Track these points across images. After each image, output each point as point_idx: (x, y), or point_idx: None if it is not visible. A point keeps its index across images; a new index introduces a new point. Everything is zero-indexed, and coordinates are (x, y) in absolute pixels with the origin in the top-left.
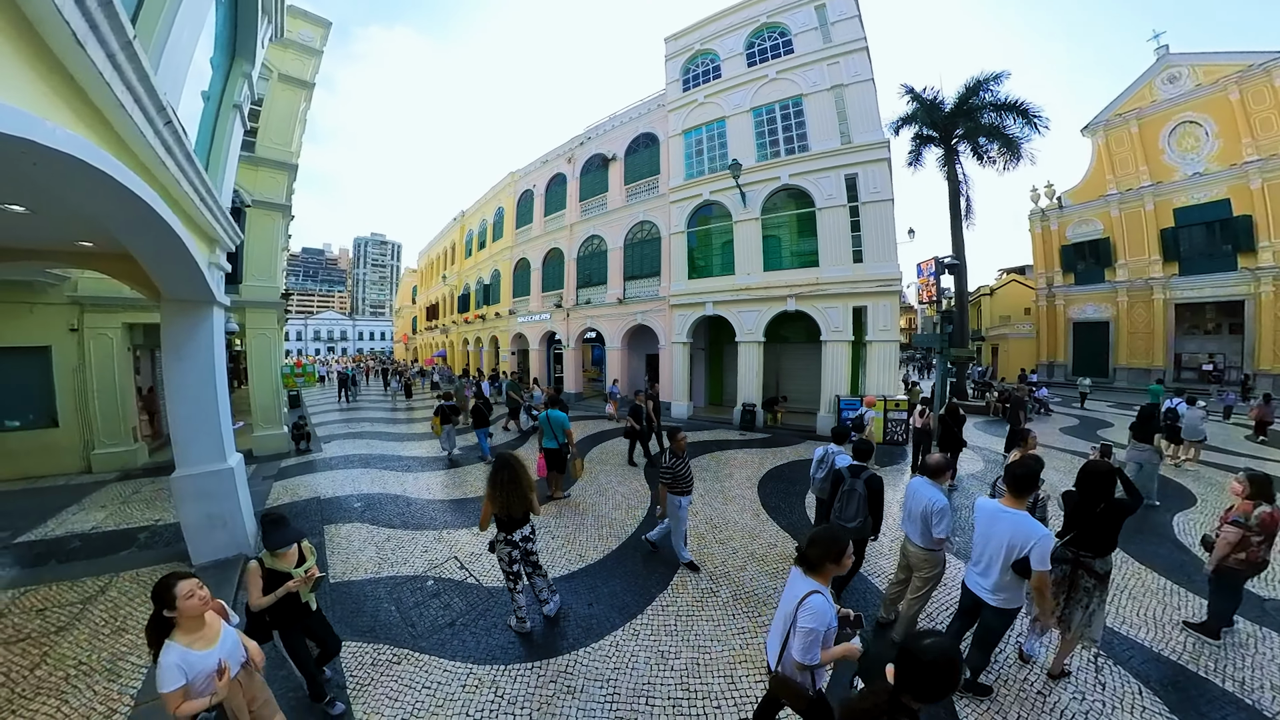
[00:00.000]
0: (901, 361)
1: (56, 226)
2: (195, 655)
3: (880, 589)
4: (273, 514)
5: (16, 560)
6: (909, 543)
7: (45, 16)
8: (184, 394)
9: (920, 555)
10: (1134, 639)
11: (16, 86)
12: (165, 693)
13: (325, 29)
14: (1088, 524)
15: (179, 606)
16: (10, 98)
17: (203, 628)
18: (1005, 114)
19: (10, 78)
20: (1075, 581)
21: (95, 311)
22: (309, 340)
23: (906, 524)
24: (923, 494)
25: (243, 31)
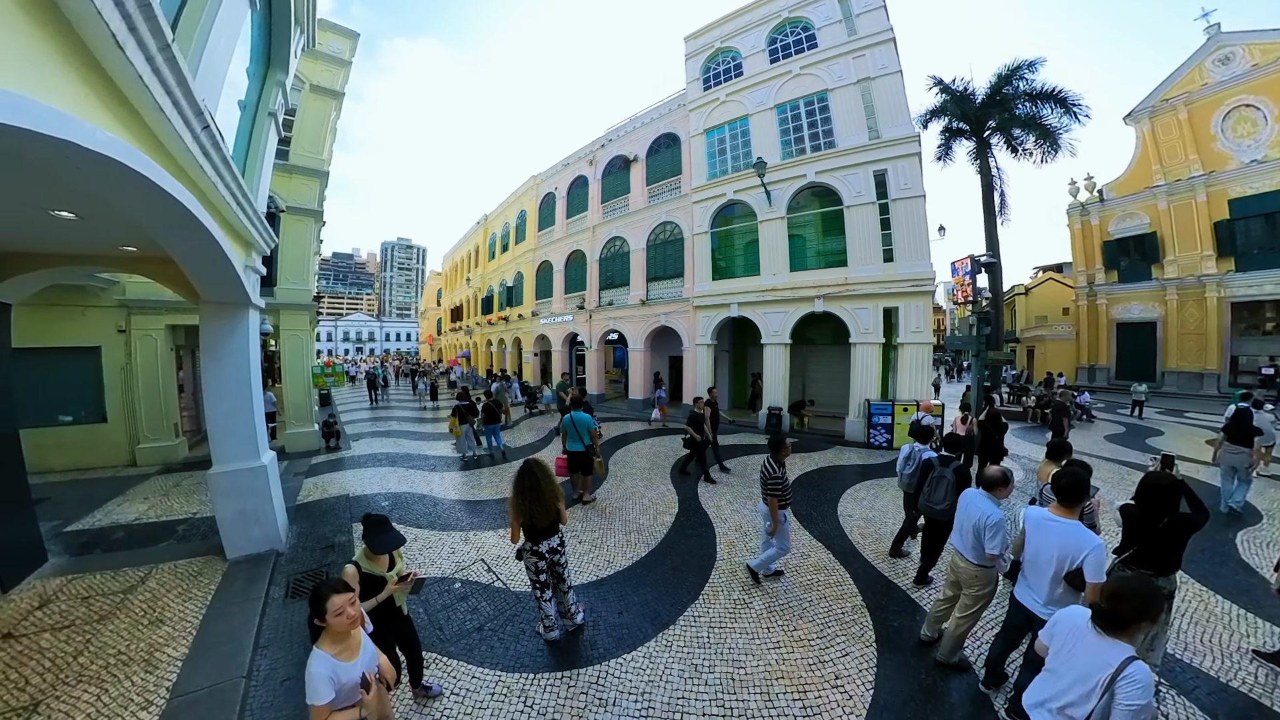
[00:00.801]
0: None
1: (102, 232)
2: (342, 666)
3: (925, 606)
4: (375, 516)
5: (65, 548)
6: (959, 558)
7: (85, 17)
8: (220, 393)
9: (970, 572)
10: (1198, 667)
11: (57, 89)
12: (316, 705)
13: (353, 40)
14: (1149, 540)
15: (328, 620)
16: (52, 100)
17: (348, 638)
18: (1041, 103)
19: (51, 80)
20: None
21: (141, 314)
22: (339, 341)
23: (956, 538)
24: (977, 506)
25: (277, 41)
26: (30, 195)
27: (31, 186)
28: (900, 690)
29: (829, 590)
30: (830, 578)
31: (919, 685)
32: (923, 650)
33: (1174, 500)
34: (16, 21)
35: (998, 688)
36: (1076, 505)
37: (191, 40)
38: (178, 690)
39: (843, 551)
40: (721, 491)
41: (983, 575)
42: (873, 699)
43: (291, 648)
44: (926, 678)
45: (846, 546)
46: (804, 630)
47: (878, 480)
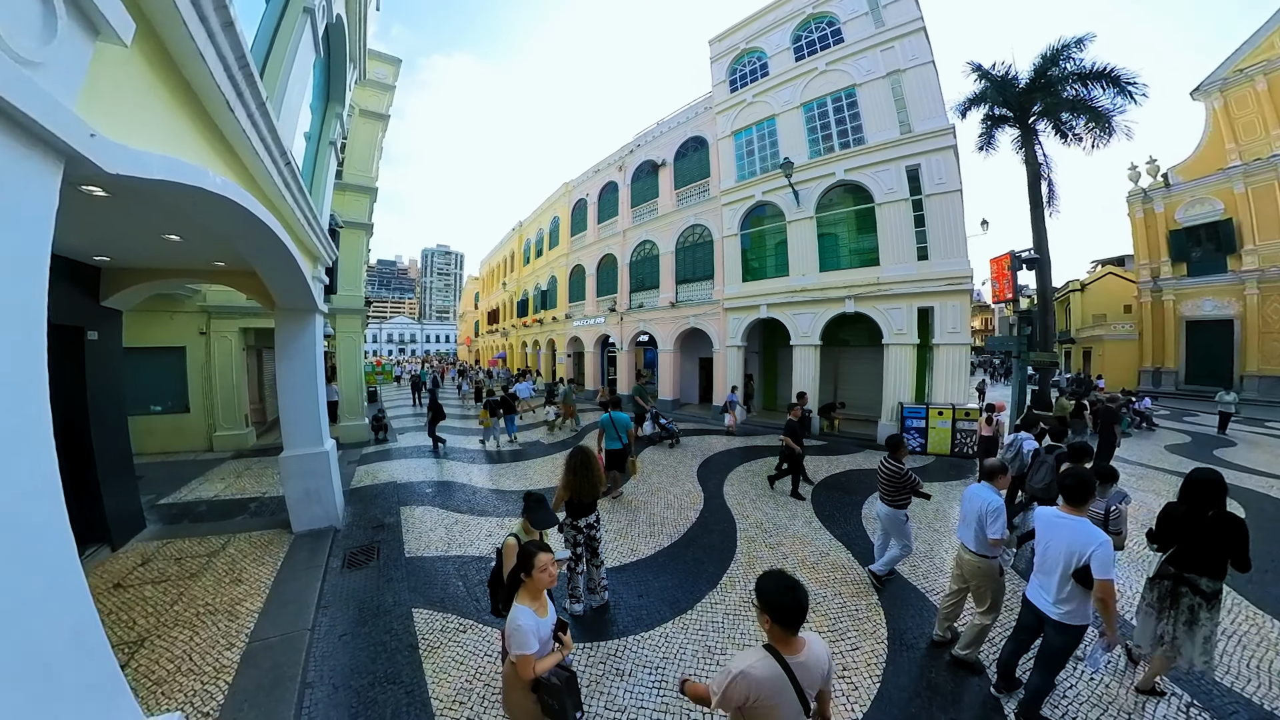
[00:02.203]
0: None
1: (199, 250)
2: (540, 621)
3: (936, 605)
4: (535, 494)
5: (160, 518)
6: (964, 550)
7: (208, 90)
8: (291, 387)
9: (974, 563)
10: (1239, 693)
11: (192, 149)
12: (523, 654)
13: (396, 66)
14: (1193, 538)
15: (534, 575)
16: (189, 157)
17: (542, 595)
18: (1092, 84)
19: (188, 143)
20: (1177, 597)
21: (219, 318)
22: (383, 343)
23: (962, 529)
24: (980, 496)
25: (334, 78)
26: (151, 224)
27: (154, 218)
28: (907, 686)
29: (845, 588)
30: (848, 576)
31: (927, 683)
32: (935, 650)
33: (1218, 495)
34: (166, 102)
35: (1009, 691)
36: (1083, 504)
37: (275, 92)
38: (255, 636)
39: (863, 552)
40: (745, 490)
41: (986, 566)
42: (879, 691)
43: (347, 609)
44: (936, 677)
45: (867, 547)
46: (816, 623)
47: None
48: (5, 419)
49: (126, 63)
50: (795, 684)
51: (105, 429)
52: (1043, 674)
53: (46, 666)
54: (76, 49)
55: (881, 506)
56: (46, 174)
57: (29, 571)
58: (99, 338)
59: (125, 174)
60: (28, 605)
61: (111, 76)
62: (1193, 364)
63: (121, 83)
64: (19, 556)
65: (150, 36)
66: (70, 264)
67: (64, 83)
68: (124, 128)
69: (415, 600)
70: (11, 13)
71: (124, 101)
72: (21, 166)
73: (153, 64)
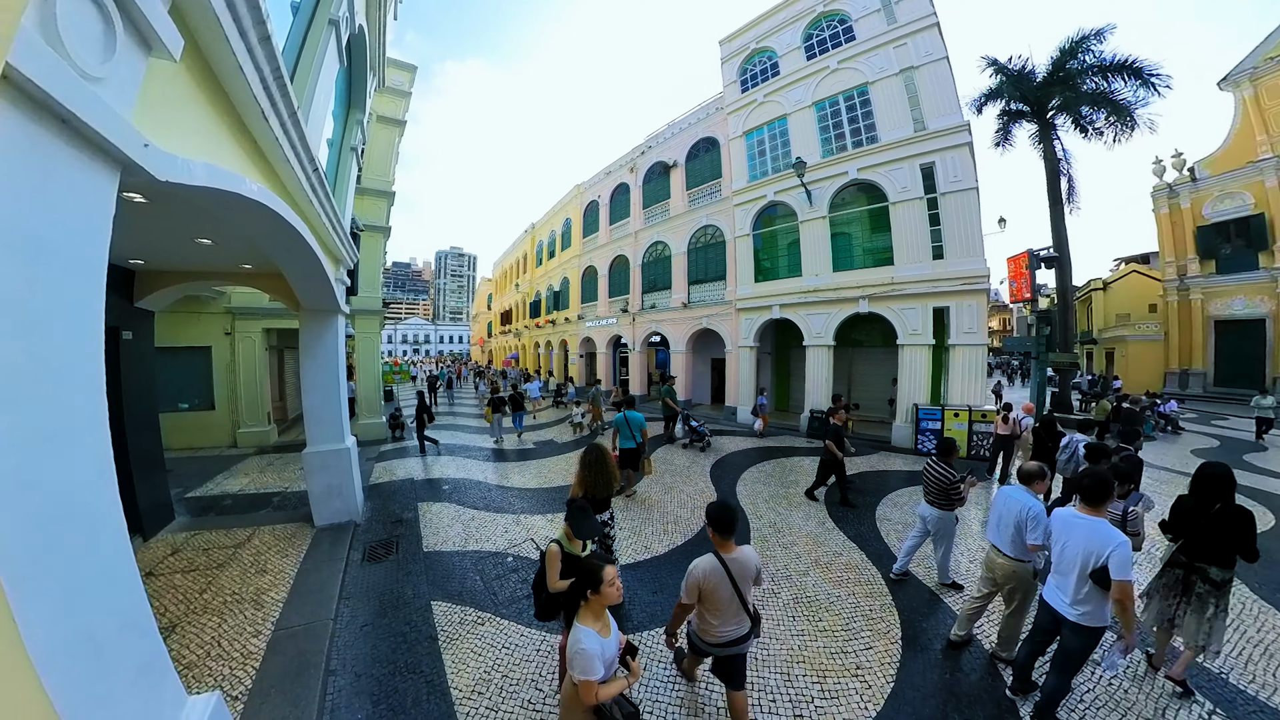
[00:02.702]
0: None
1: (229, 254)
2: (604, 642)
3: (953, 607)
4: (579, 501)
5: (187, 510)
6: (996, 553)
7: (243, 98)
8: (315, 386)
9: (1009, 567)
10: (1262, 700)
11: (230, 156)
12: (585, 680)
13: (412, 73)
14: (1202, 529)
15: (602, 590)
16: (228, 164)
17: (605, 614)
18: (1112, 76)
19: (227, 152)
20: (1189, 587)
21: (244, 319)
22: (398, 343)
23: (994, 533)
24: (1016, 500)
25: (356, 87)
26: (185, 229)
27: (188, 223)
28: (921, 686)
29: (858, 588)
30: (861, 576)
31: (942, 684)
32: (951, 652)
33: (1228, 487)
34: (207, 112)
35: (1025, 694)
36: (1101, 504)
37: (302, 100)
38: (280, 625)
39: (877, 553)
40: (759, 491)
41: (1021, 570)
42: (892, 691)
43: (368, 600)
44: (951, 678)
45: (881, 548)
46: (829, 622)
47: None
48: (69, 414)
49: (173, 76)
50: (729, 574)
51: (138, 425)
52: (1059, 676)
53: (102, 644)
54: (132, 64)
55: (929, 509)
56: (105, 182)
57: (88, 555)
58: (133, 337)
59: (175, 181)
60: (88, 586)
61: (160, 89)
62: (1222, 365)
63: (169, 95)
64: (79, 541)
65: (194, 51)
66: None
67: (121, 96)
68: (171, 137)
69: (434, 593)
70: (77, 31)
71: (170, 112)
72: (86, 175)
73: (195, 76)
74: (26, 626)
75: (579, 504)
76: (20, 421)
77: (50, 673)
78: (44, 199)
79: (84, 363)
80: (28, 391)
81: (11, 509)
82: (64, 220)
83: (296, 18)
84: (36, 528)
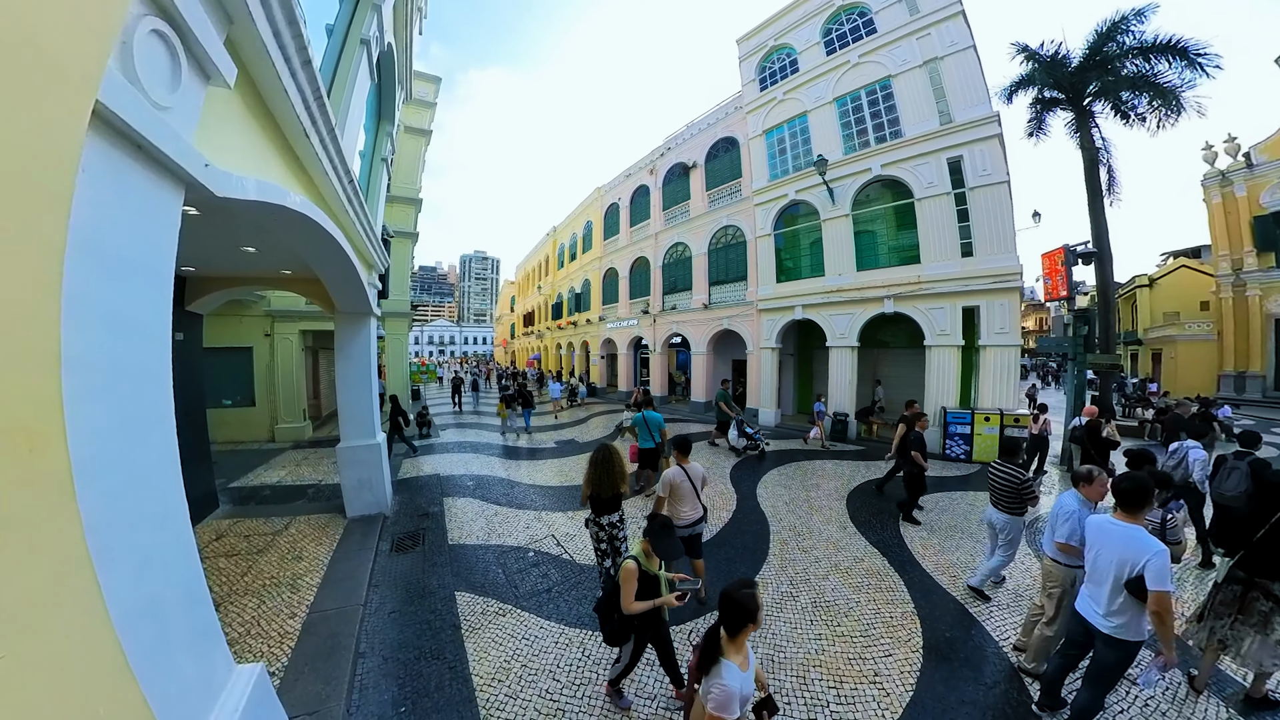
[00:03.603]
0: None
1: (270, 260)
2: (744, 676)
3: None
4: (661, 518)
5: (230, 499)
6: (1043, 555)
7: (287, 118)
8: (348, 385)
9: (1048, 565)
10: None
11: (276, 172)
12: (720, 717)
13: (436, 84)
14: (1264, 541)
15: (758, 619)
16: (274, 179)
17: (745, 645)
18: (1156, 57)
19: (274, 168)
20: (1247, 603)
21: (282, 321)
22: (424, 345)
23: (1046, 539)
24: (1061, 502)
25: (385, 100)
26: (232, 238)
27: (235, 233)
28: (944, 698)
29: (879, 595)
30: (883, 583)
31: (965, 697)
32: (975, 662)
33: None
34: (256, 132)
35: (1054, 710)
36: (1139, 511)
37: (337, 115)
38: (314, 608)
39: (900, 560)
40: (779, 494)
41: (1056, 570)
42: (912, 699)
43: (395, 589)
44: (974, 690)
45: (905, 555)
46: (847, 627)
47: (950, 493)
48: (145, 407)
49: (228, 101)
50: (689, 477)
51: (187, 420)
52: (1091, 693)
53: (167, 611)
54: (194, 93)
55: (999, 514)
56: (171, 199)
57: (159, 530)
58: (184, 339)
59: (231, 196)
60: (157, 559)
61: (216, 113)
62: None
63: (224, 118)
64: (153, 518)
65: (244, 77)
66: None
67: (185, 122)
68: (225, 156)
69: (458, 584)
70: (150, 67)
71: (225, 133)
72: (157, 193)
73: (246, 100)
74: (110, 593)
75: (661, 520)
76: (109, 412)
77: (127, 635)
78: (124, 217)
79: (157, 362)
80: (115, 387)
81: (100, 488)
82: (139, 235)
83: (331, 39)
84: (119, 505)
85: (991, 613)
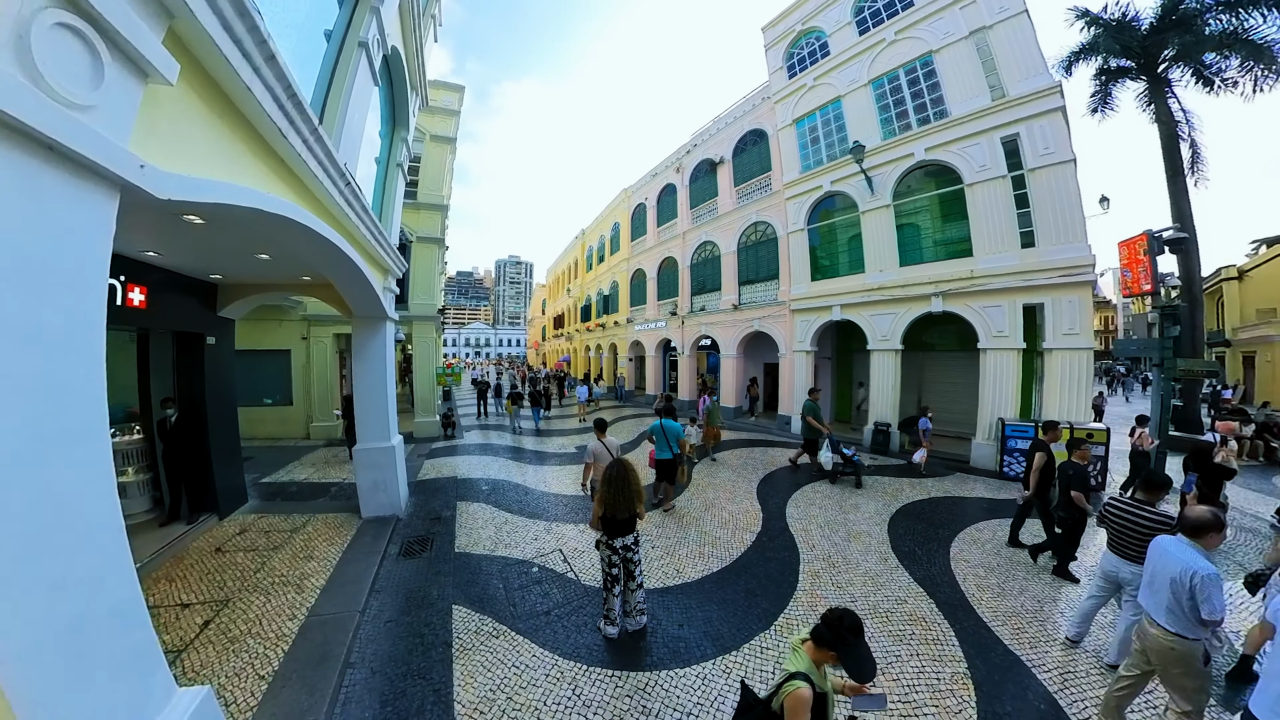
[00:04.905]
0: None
1: (286, 267)
2: None
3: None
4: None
5: (259, 494)
6: (1150, 623)
7: (258, 118)
8: (364, 387)
9: (1166, 643)
10: None
11: (251, 174)
12: None
13: (460, 93)
14: None
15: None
16: (245, 181)
17: None
18: (1246, 10)
19: (245, 168)
20: None
21: (317, 325)
22: (461, 346)
23: (1147, 595)
24: (1180, 559)
25: (399, 106)
26: (245, 246)
27: (244, 240)
28: None
29: (925, 648)
30: (930, 633)
31: None
32: None
33: None
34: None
35: None
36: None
37: (335, 119)
38: (313, 611)
39: (949, 603)
40: (813, 514)
41: (1182, 649)
42: None
43: (396, 596)
44: None
45: (955, 597)
46: (886, 685)
47: (1008, 520)
48: (62, 420)
49: (181, 99)
50: (606, 447)
51: (219, 419)
52: None
53: (87, 636)
54: (127, 91)
55: (1125, 565)
56: (102, 201)
57: (74, 549)
58: (215, 342)
59: (175, 199)
60: (74, 578)
61: (166, 113)
62: None
63: (177, 118)
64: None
65: (201, 74)
66: (192, 281)
67: (115, 121)
68: (181, 157)
69: (457, 596)
70: (59, 65)
71: (182, 134)
72: (79, 196)
73: (207, 99)
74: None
75: (849, 622)
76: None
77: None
78: (34, 221)
79: (81, 375)
80: (21, 402)
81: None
82: (58, 240)
83: (330, 43)
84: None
85: (1069, 682)
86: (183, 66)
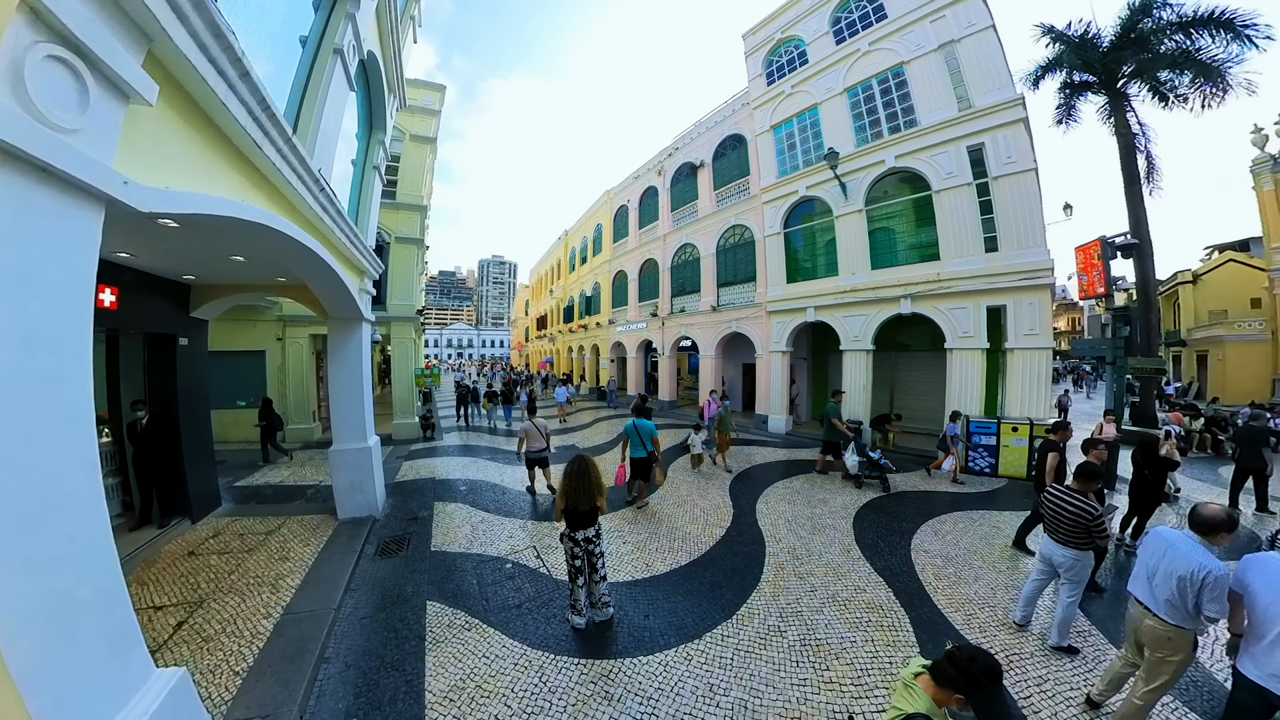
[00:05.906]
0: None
1: (261, 269)
2: None
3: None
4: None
5: (233, 497)
6: (1146, 613)
7: (234, 132)
8: (340, 388)
9: (1161, 631)
10: None
11: (229, 185)
12: None
13: (440, 92)
14: None
15: None
16: (222, 191)
17: None
18: (1197, 32)
19: (223, 179)
20: None
21: (293, 326)
22: (443, 347)
23: (1141, 584)
24: (1185, 554)
25: (375, 109)
26: (218, 248)
27: (218, 243)
28: None
29: (880, 633)
30: (885, 619)
31: None
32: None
33: None
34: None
35: None
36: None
37: (310, 126)
38: (288, 610)
39: (907, 591)
40: (781, 510)
41: (1179, 637)
42: None
43: (371, 594)
44: None
45: (913, 586)
46: (838, 672)
47: (971, 512)
48: (52, 416)
49: (160, 118)
50: (536, 427)
51: (192, 421)
52: None
53: (75, 615)
54: (109, 112)
55: (1060, 550)
56: (89, 215)
57: (66, 535)
58: (189, 343)
59: (158, 211)
60: (63, 562)
61: (147, 130)
62: None
63: (157, 134)
64: (58, 522)
65: (179, 94)
66: (165, 282)
67: (100, 141)
68: (161, 171)
69: (432, 593)
70: (49, 93)
71: (161, 149)
72: (68, 212)
73: (184, 115)
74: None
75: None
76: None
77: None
78: (28, 234)
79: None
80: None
81: None
82: (49, 250)
83: (305, 50)
84: (17, 514)
85: (1014, 663)
86: (162, 87)
